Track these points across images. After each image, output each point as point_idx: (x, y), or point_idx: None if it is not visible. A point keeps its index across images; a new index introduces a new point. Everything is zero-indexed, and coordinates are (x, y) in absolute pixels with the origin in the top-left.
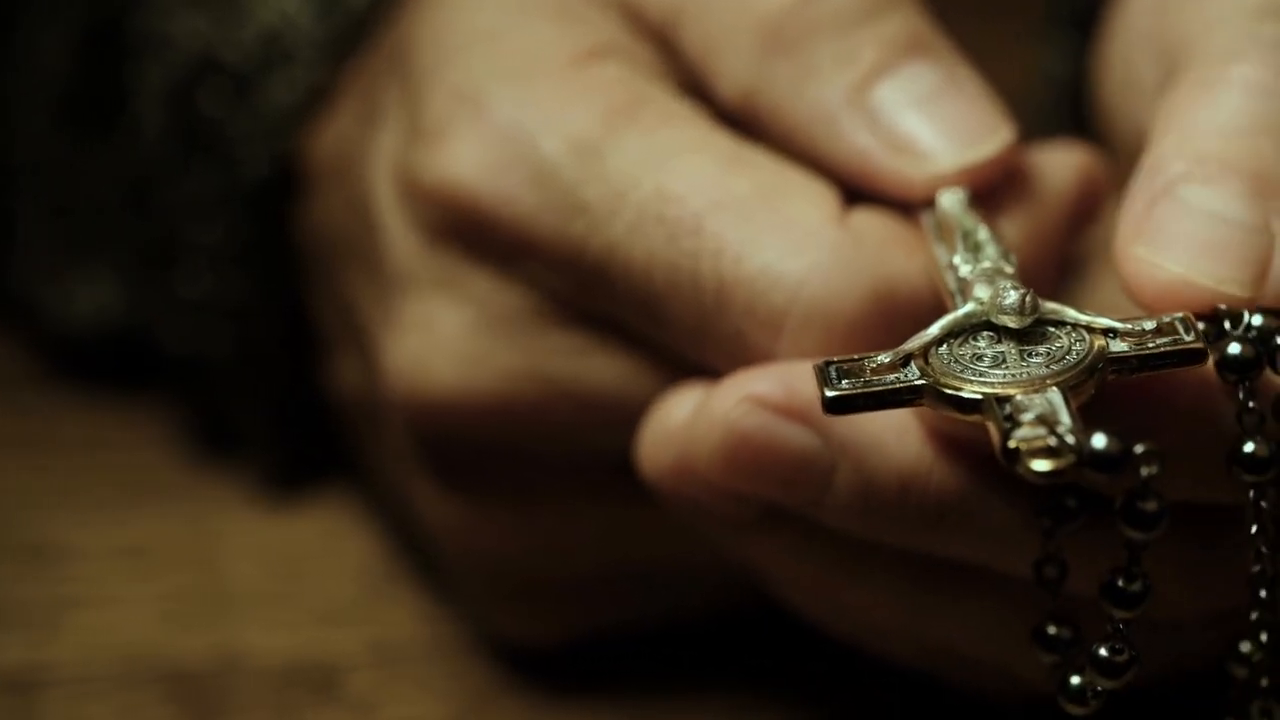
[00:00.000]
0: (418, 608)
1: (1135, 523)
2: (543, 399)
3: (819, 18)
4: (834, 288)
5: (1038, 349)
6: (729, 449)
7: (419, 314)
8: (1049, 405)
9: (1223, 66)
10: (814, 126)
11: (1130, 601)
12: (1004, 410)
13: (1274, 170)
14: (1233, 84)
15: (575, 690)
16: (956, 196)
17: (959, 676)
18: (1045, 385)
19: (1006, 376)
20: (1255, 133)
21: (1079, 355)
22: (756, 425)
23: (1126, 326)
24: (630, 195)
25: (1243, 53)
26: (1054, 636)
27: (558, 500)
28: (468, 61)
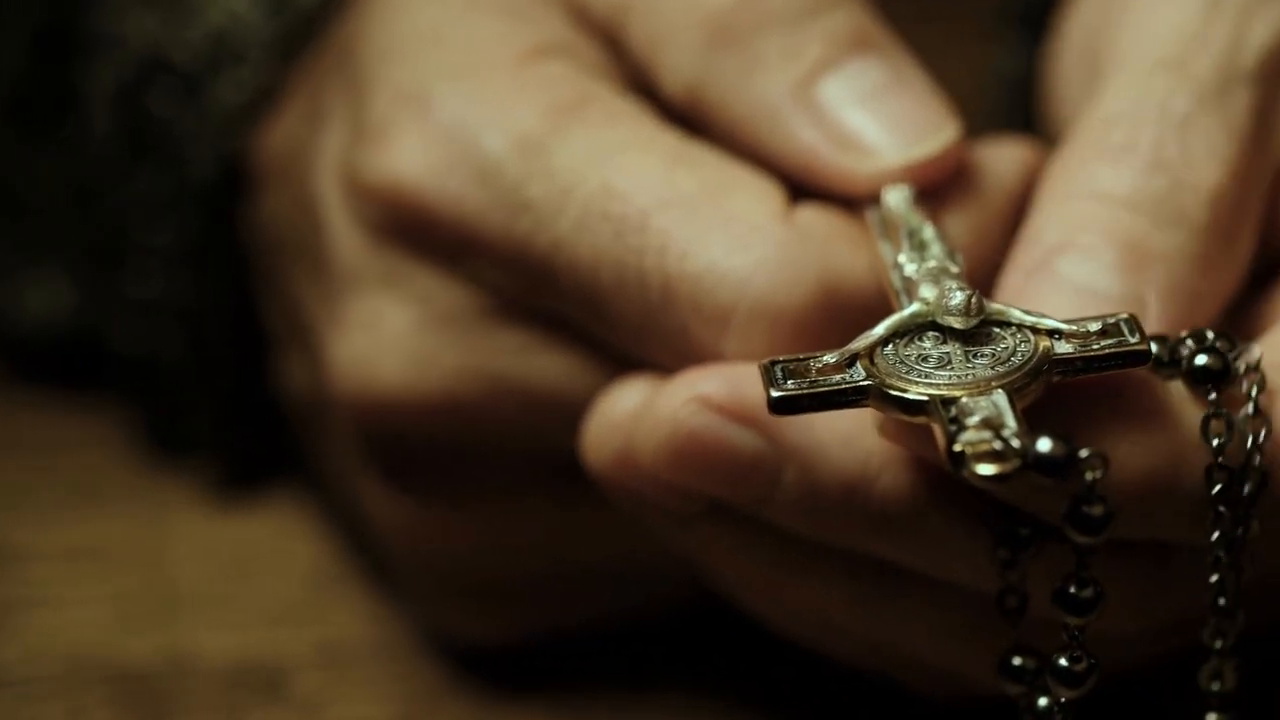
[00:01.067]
0: (365, 608)
1: (1082, 527)
2: (489, 397)
3: (765, 12)
4: (780, 284)
5: (983, 350)
6: (675, 447)
7: (365, 313)
8: (994, 408)
9: (1104, 132)
10: (759, 121)
11: (1083, 608)
12: (949, 412)
13: (1146, 242)
14: (1111, 152)
15: (523, 690)
16: (902, 194)
17: (906, 677)
18: (990, 387)
19: (952, 378)
20: (1129, 204)
21: (1024, 357)
22: (703, 425)
23: (1072, 328)
24: (576, 192)
25: (1126, 116)
26: (1019, 667)
27: (506, 499)
28: (413, 60)
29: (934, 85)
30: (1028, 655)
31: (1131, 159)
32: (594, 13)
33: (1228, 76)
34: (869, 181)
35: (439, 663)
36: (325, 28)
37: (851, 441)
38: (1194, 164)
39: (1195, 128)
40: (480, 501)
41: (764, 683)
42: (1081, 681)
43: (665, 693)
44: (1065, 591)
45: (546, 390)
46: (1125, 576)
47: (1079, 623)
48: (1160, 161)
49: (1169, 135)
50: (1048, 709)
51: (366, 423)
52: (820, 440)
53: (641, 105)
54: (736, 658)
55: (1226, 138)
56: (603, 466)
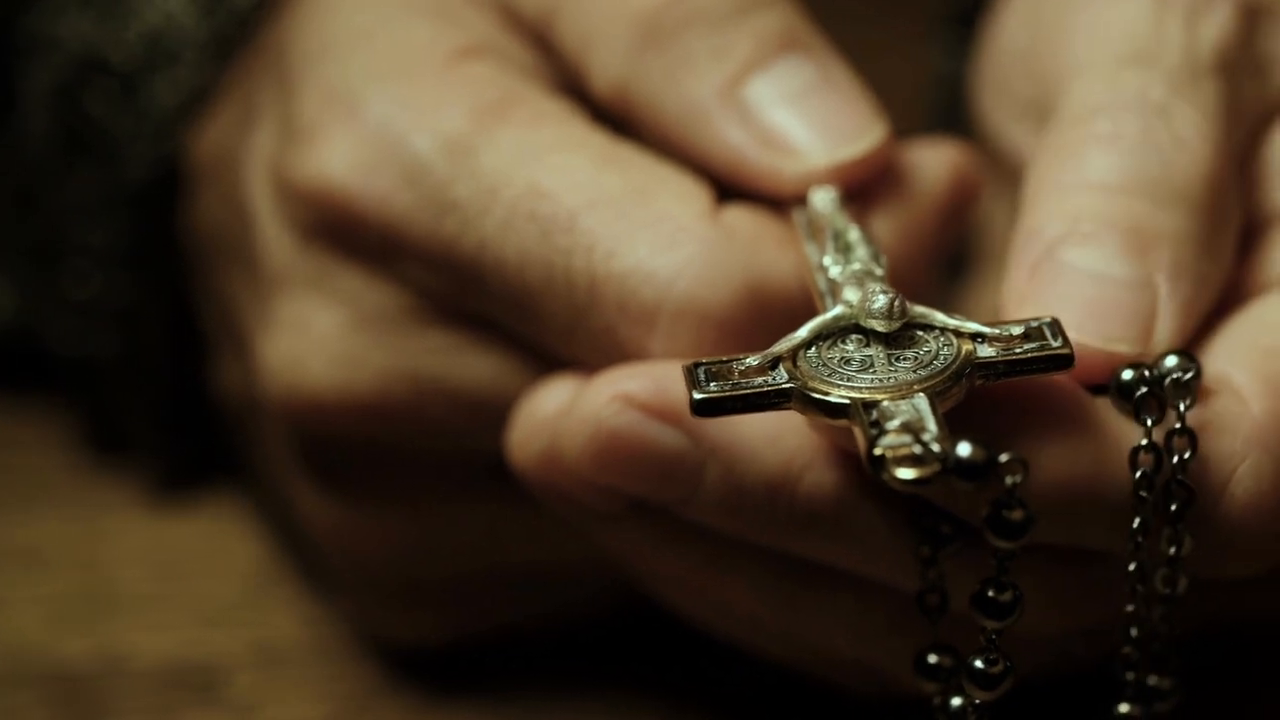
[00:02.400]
0: (301, 609)
1: (1001, 532)
2: (418, 398)
3: (693, 12)
4: (705, 283)
5: (906, 353)
6: (598, 446)
7: (294, 314)
8: (915, 412)
9: (1088, 124)
10: (687, 121)
11: (1001, 611)
12: (870, 416)
13: (1149, 225)
14: (1100, 141)
15: (455, 691)
16: (829, 195)
17: (832, 674)
18: (912, 391)
19: (874, 381)
20: (1126, 189)
21: (946, 360)
22: (626, 424)
23: (995, 331)
24: (502, 193)
25: (1106, 107)
26: (935, 665)
27: (438, 500)
28: (342, 61)
29: (862, 86)
30: (944, 654)
31: (1121, 144)
32: (524, 13)
33: (1194, 69)
34: (796, 182)
35: (373, 664)
36: (259, 28)
37: (775, 440)
38: (1184, 145)
39: (1177, 114)
40: (411, 503)
41: (697, 682)
42: (996, 684)
43: (597, 693)
44: (983, 595)
45: (475, 391)
46: (1050, 577)
47: (996, 626)
48: (1151, 145)
49: (1154, 121)
50: (960, 709)
51: (297, 424)
52: (743, 438)
53: (570, 105)
54: (669, 657)
55: (1208, 123)
56: (528, 466)
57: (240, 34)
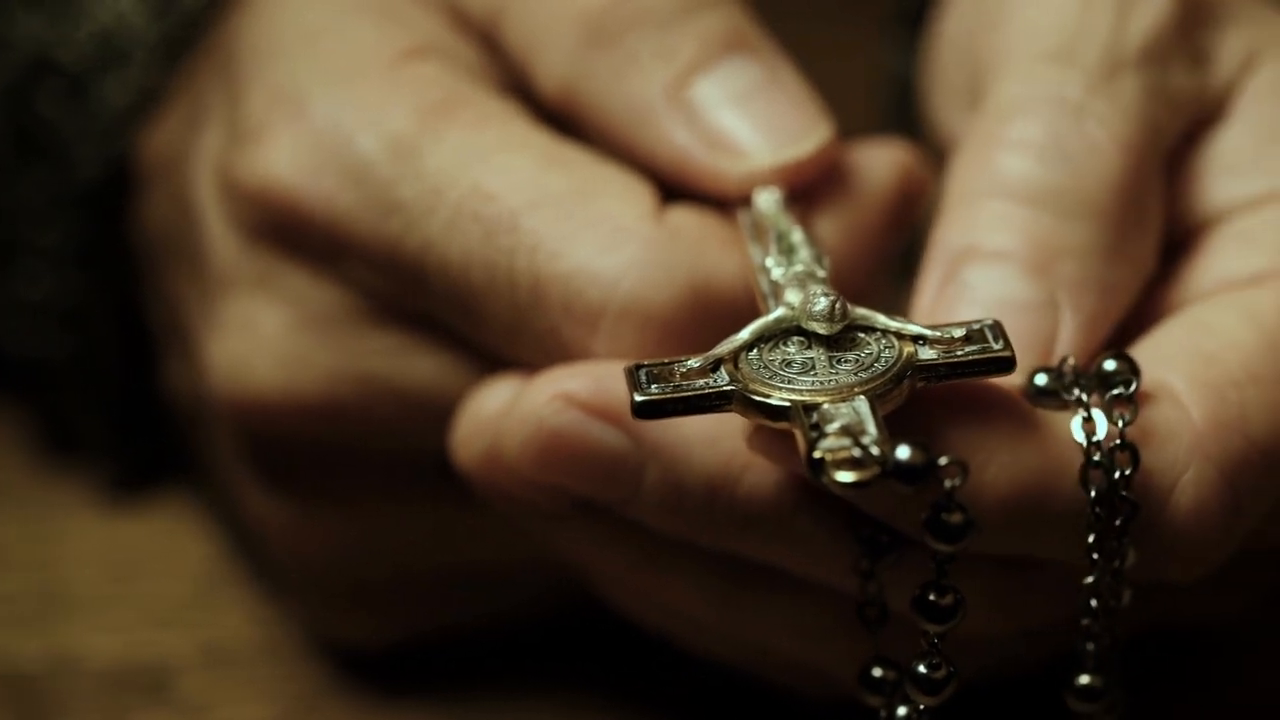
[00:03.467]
0: (251, 610)
1: (941, 535)
2: (364, 398)
3: (639, 12)
4: (649, 284)
5: (847, 356)
6: (538, 445)
7: (240, 314)
8: (855, 415)
9: (1002, 126)
10: (632, 121)
11: (942, 615)
12: (811, 419)
13: (1053, 239)
14: (1010, 146)
15: (403, 691)
16: (773, 196)
17: (776, 675)
18: (853, 394)
19: (814, 384)
20: (1032, 200)
21: (887, 363)
22: (566, 423)
23: (936, 334)
24: (447, 193)
25: (1022, 108)
26: (879, 679)
27: (384, 500)
28: (288, 62)
29: (808, 86)
30: (888, 667)
31: (1031, 151)
32: (471, 12)
33: (1115, 63)
34: (740, 183)
35: (322, 664)
36: (209, 29)
37: (715, 441)
38: (1095, 151)
39: (1091, 115)
40: (357, 502)
41: (644, 682)
42: (940, 689)
43: (544, 693)
44: (924, 599)
45: (420, 391)
46: (992, 580)
47: (938, 630)
48: (1061, 152)
49: (1066, 124)
50: (906, 717)
51: (243, 424)
52: (684, 439)
53: (515, 106)
54: (616, 657)
55: (1123, 123)
56: (471, 465)
57: (190, 35)
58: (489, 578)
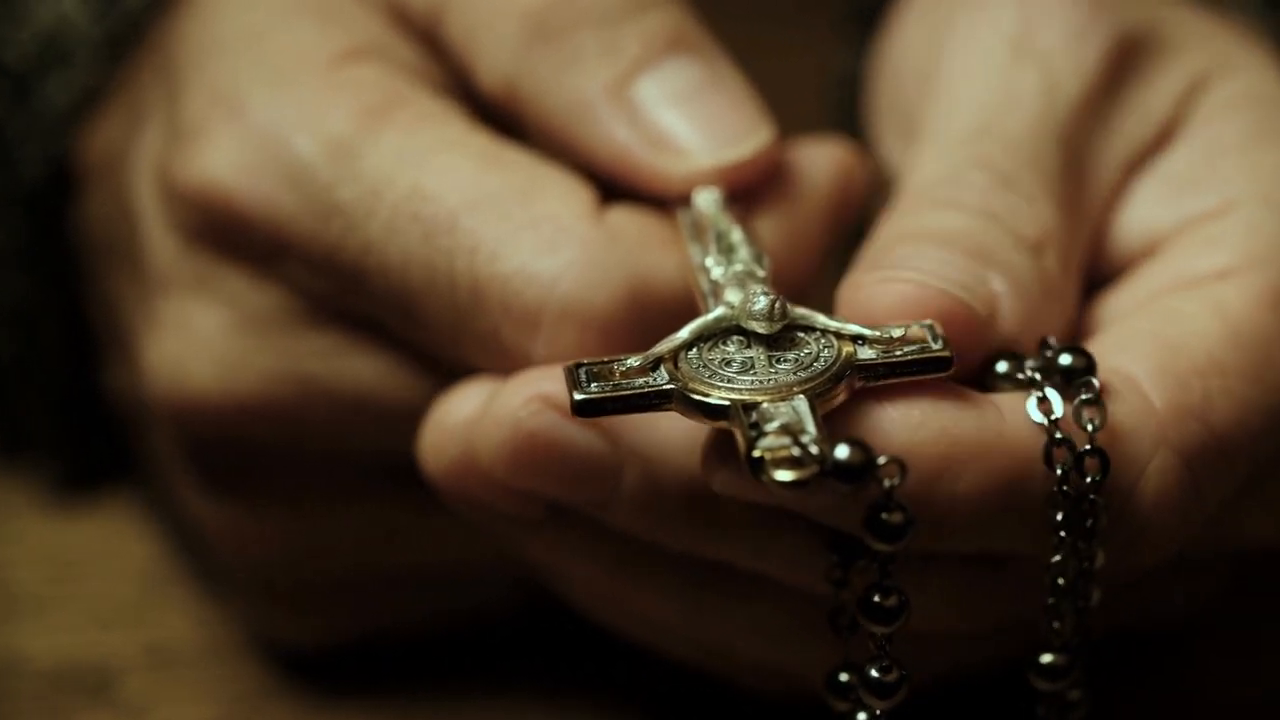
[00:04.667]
0: (194, 610)
1: (881, 535)
2: (302, 399)
3: (583, 10)
4: (588, 285)
5: (786, 355)
6: (515, 447)
7: (177, 315)
8: (795, 414)
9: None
10: (573, 118)
11: (888, 616)
12: (750, 418)
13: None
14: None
15: (347, 692)
16: (712, 196)
17: (740, 677)
18: (792, 393)
19: (754, 383)
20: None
21: (827, 362)
22: (543, 425)
23: (875, 333)
24: (385, 194)
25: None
26: (845, 683)
27: (325, 501)
28: (228, 62)
29: (750, 87)
30: (854, 672)
31: (960, 210)
32: (413, 11)
33: (1041, 134)
34: (681, 182)
35: (265, 664)
36: (151, 29)
37: (694, 442)
38: (1019, 217)
39: (1018, 185)
40: (298, 503)
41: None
42: (891, 692)
43: (489, 695)
44: (869, 600)
45: (359, 393)
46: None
47: (884, 631)
48: (989, 213)
49: (994, 192)
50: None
51: (181, 425)
52: (662, 440)
53: (454, 106)
54: (559, 660)
55: (1046, 194)
56: (442, 472)
57: (132, 34)
58: (434, 579)
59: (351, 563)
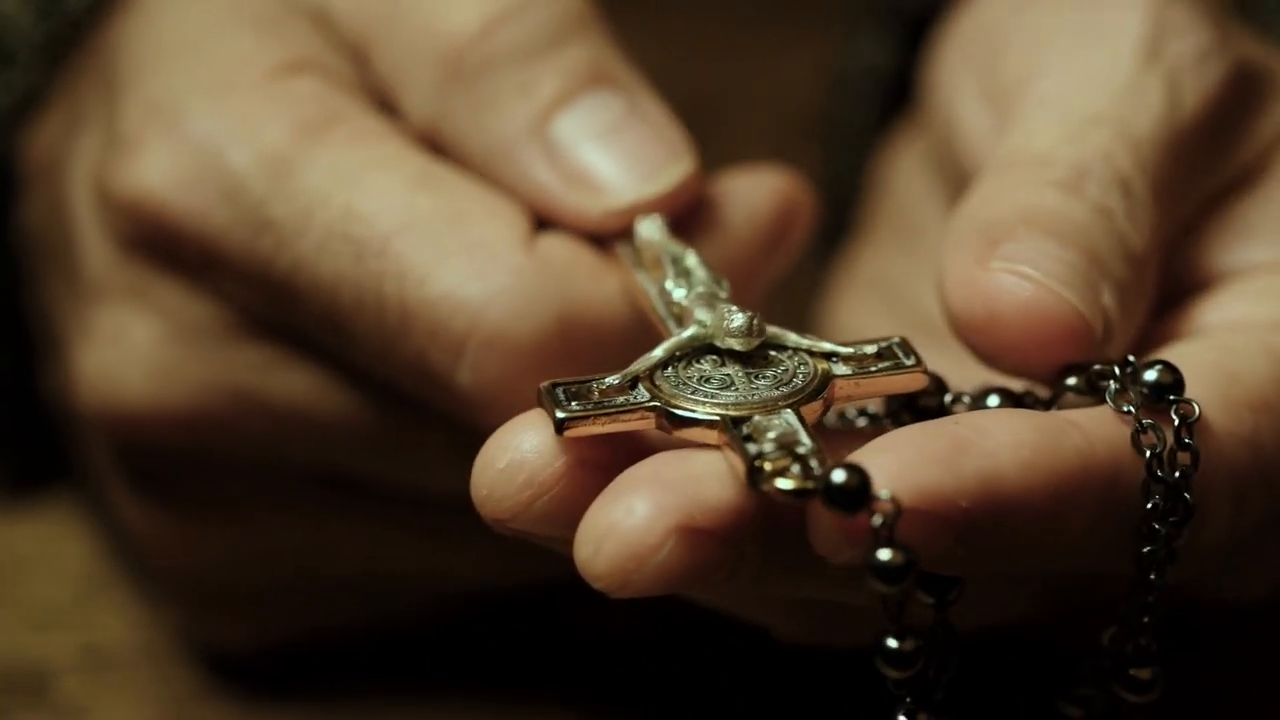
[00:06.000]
0: (130, 613)
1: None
2: (234, 411)
3: (500, 49)
4: (515, 314)
5: (764, 372)
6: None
7: (111, 325)
8: (787, 425)
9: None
10: (494, 159)
11: (902, 662)
12: (743, 431)
13: (1097, 251)
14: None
15: (282, 695)
16: (655, 223)
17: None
18: (779, 406)
19: (738, 398)
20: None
21: (806, 378)
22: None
23: (848, 350)
24: (318, 213)
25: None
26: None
27: (258, 511)
28: (165, 72)
29: (671, 117)
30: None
31: (1081, 200)
32: (345, 36)
33: (1160, 143)
34: (602, 219)
35: (201, 667)
36: (92, 31)
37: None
38: (1131, 224)
39: (1133, 190)
40: (231, 513)
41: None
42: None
43: (420, 697)
44: (884, 646)
45: (292, 406)
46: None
47: (898, 676)
48: (1106, 212)
49: (1112, 191)
50: None
51: (113, 434)
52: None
53: (390, 123)
54: (490, 663)
55: (1154, 207)
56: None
57: (73, 36)
58: (363, 587)
59: (282, 571)
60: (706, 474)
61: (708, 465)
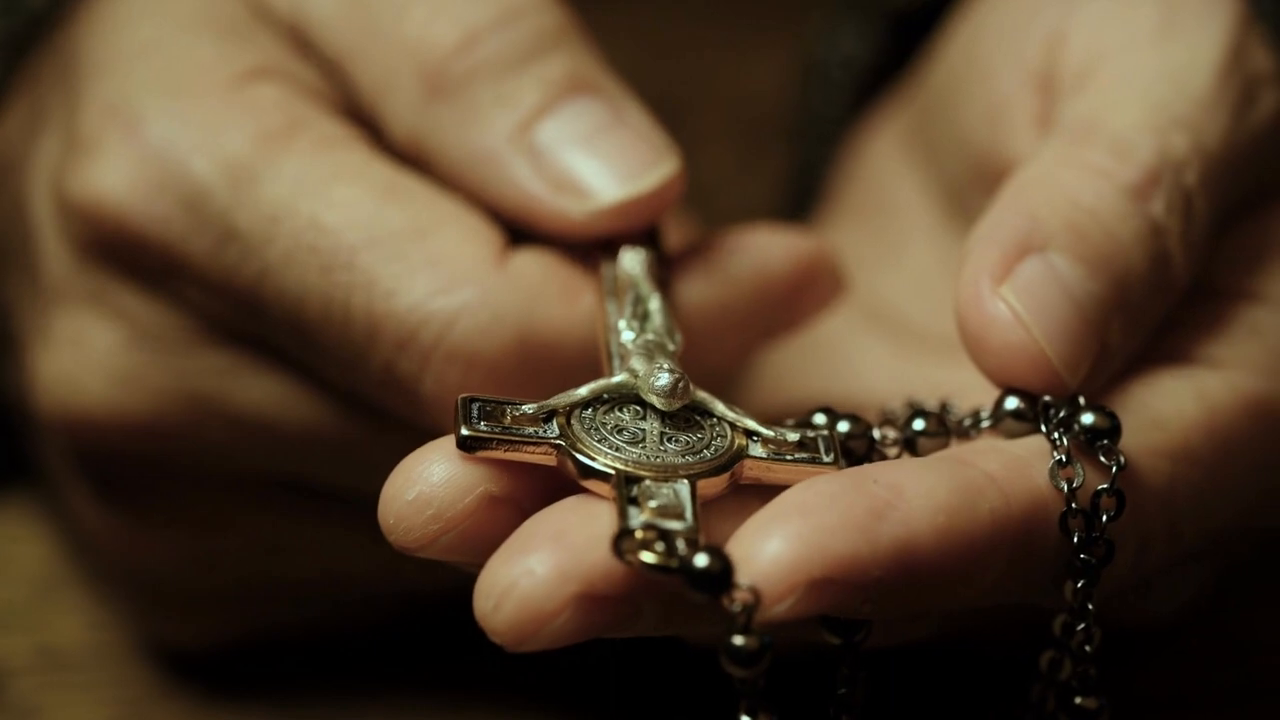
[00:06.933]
0: (87, 613)
1: (732, 658)
2: (195, 418)
3: (480, 61)
4: (480, 329)
5: (679, 435)
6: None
7: (70, 329)
8: (675, 497)
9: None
10: (478, 169)
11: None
12: (630, 491)
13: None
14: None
15: (237, 694)
16: (639, 257)
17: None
18: (676, 475)
19: (640, 456)
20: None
21: (716, 451)
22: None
23: (770, 433)
24: (284, 223)
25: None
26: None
27: (213, 514)
28: (124, 75)
29: (653, 122)
30: None
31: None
32: (319, 50)
33: (1225, 158)
34: (586, 223)
35: (156, 667)
36: (54, 30)
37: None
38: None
39: (1194, 207)
40: (189, 517)
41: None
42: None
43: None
44: (728, 644)
45: (253, 413)
46: None
47: (743, 675)
48: (1159, 229)
49: (1176, 209)
50: None
51: (72, 438)
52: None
53: (355, 131)
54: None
55: (1207, 221)
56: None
57: (35, 34)
58: (320, 589)
59: (239, 572)
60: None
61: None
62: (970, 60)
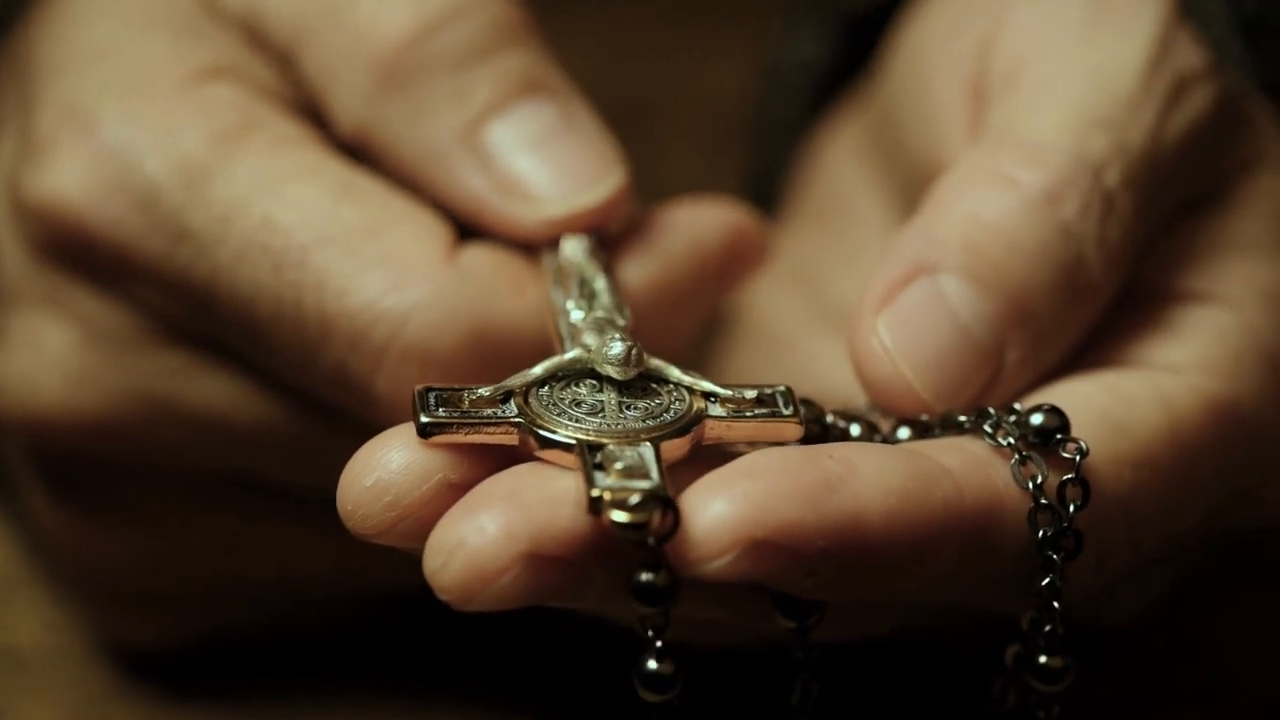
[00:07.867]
0: (44, 614)
1: (643, 597)
2: (150, 417)
3: (434, 54)
4: (433, 327)
5: (637, 403)
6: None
7: (26, 330)
8: (639, 459)
9: (1031, 166)
10: (426, 166)
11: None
12: (594, 458)
13: (1026, 296)
14: (1039, 201)
15: (193, 694)
16: (579, 243)
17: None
18: (639, 439)
19: (601, 425)
20: (1021, 247)
21: (676, 414)
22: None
23: (727, 393)
24: (236, 223)
25: (1064, 176)
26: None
27: (169, 513)
28: (79, 76)
29: (604, 128)
30: None
31: (1052, 214)
32: (271, 39)
33: (1155, 157)
34: (534, 229)
35: (113, 667)
36: (8, 32)
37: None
38: (1101, 243)
39: (1117, 208)
40: (147, 516)
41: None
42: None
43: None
44: (643, 668)
45: (208, 412)
46: None
47: (658, 700)
48: (1068, 232)
49: (1091, 211)
50: None
51: (28, 438)
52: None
53: (309, 130)
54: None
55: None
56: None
57: None
58: (277, 588)
59: (196, 571)
60: (563, 499)
61: (566, 491)
62: (912, 67)
